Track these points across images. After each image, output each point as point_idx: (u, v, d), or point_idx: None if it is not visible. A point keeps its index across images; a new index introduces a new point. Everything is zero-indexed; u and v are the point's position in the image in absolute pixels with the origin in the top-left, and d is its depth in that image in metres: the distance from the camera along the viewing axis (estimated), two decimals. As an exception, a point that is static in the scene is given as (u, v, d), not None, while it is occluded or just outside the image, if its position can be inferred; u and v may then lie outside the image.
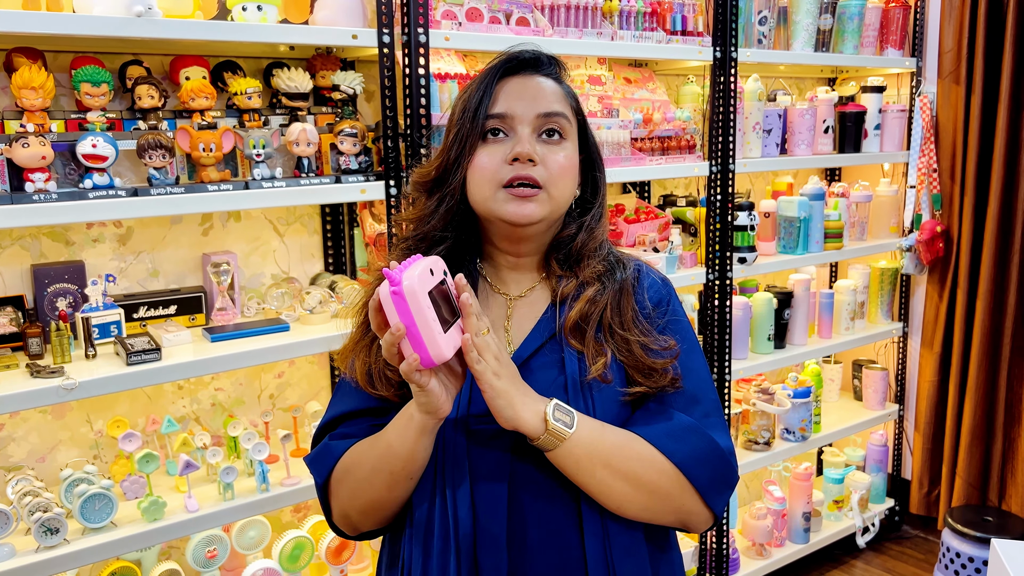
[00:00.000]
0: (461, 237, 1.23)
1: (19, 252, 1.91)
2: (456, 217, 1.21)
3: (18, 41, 1.78)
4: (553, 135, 1.18)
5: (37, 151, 1.64)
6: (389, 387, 1.16)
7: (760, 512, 3.00)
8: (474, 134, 1.16)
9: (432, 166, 1.21)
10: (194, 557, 2.00)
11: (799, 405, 2.98)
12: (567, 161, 1.18)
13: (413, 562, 1.14)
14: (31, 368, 1.69)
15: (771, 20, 2.77)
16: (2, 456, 1.93)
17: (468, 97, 1.18)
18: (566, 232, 1.24)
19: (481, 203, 1.17)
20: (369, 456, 1.13)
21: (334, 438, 1.19)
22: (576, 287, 1.21)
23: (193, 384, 2.16)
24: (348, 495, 1.16)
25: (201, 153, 1.82)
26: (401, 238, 1.26)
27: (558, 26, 2.27)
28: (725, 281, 2.71)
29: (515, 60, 1.20)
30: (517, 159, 1.14)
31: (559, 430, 1.07)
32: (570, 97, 1.23)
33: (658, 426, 1.15)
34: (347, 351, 1.22)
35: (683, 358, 1.22)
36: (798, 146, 2.96)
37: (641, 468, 1.11)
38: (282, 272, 2.26)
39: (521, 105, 1.16)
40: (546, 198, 1.16)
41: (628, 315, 1.20)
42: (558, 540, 1.14)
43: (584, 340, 1.17)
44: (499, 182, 1.15)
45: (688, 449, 1.14)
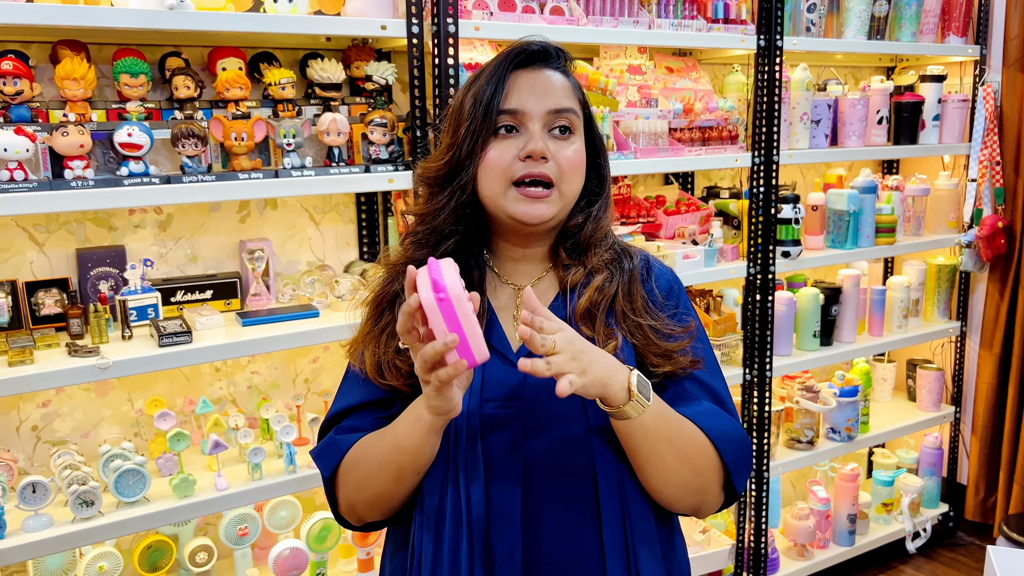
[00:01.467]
0: (470, 230, 1.24)
1: (65, 236, 1.99)
2: (465, 211, 1.22)
3: (61, 34, 1.85)
4: (564, 131, 1.18)
5: (76, 139, 1.71)
6: (399, 377, 1.17)
7: (803, 512, 2.93)
8: (486, 129, 1.17)
9: (441, 160, 1.21)
10: (226, 534, 2.07)
11: (845, 404, 2.90)
12: (577, 156, 1.19)
13: (423, 548, 1.15)
14: (70, 347, 1.77)
15: (821, 7, 2.69)
16: (48, 431, 2.03)
17: (478, 91, 1.18)
18: (573, 222, 1.25)
19: (491, 199, 1.18)
20: (376, 451, 1.14)
21: (340, 431, 1.21)
22: (584, 275, 1.22)
23: (230, 367, 2.23)
24: (354, 488, 1.18)
25: (233, 142, 1.87)
26: (409, 232, 1.27)
27: (593, 14, 2.25)
28: (767, 275, 2.65)
29: (524, 52, 1.20)
30: (530, 156, 1.15)
31: (641, 401, 1.08)
32: (577, 90, 1.23)
33: (690, 407, 1.19)
34: (356, 342, 1.24)
35: (703, 345, 1.25)
36: (849, 137, 2.87)
37: (691, 444, 1.15)
38: (317, 260, 2.31)
39: (532, 101, 1.17)
40: (557, 197, 1.18)
41: (639, 302, 1.22)
42: (574, 524, 1.14)
43: (595, 327, 1.19)
44: (510, 178, 1.16)
45: (719, 428, 1.18)
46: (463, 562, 1.11)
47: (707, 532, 2.80)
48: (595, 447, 1.15)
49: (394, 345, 1.18)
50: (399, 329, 1.02)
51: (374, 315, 1.24)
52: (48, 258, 1.98)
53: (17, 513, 1.75)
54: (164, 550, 2.02)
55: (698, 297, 2.73)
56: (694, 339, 1.23)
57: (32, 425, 2.01)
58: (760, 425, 2.72)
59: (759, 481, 2.74)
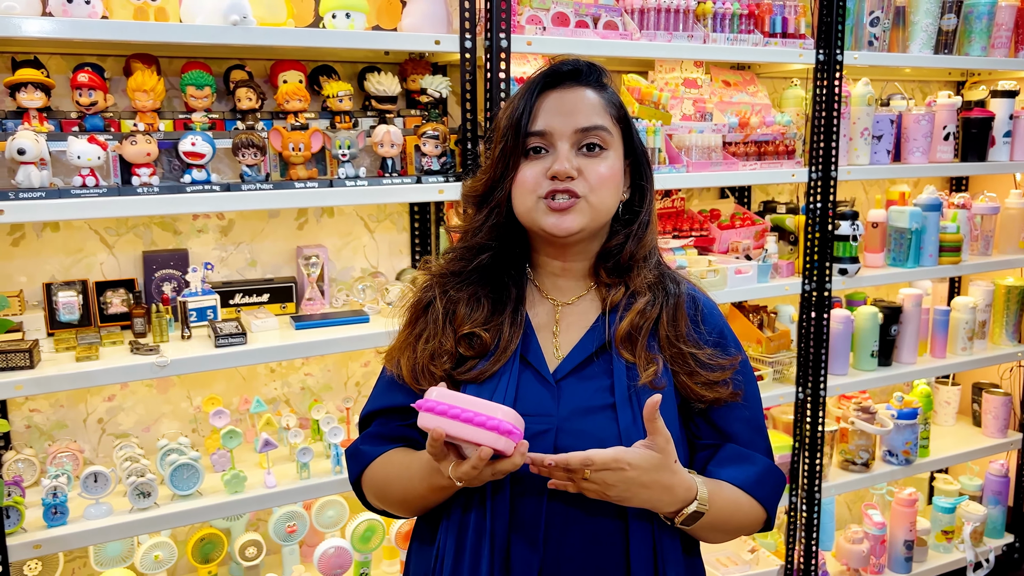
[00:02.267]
0: (506, 247, 1.27)
1: (133, 239, 2.10)
2: (502, 229, 1.25)
3: (134, 48, 1.96)
4: (593, 148, 1.20)
5: (143, 148, 1.80)
6: (433, 382, 1.20)
7: (857, 536, 2.87)
8: (516, 152, 1.20)
9: (480, 181, 1.26)
10: (275, 531, 2.14)
11: (903, 427, 2.82)
12: (608, 171, 1.20)
13: (446, 552, 1.18)
14: (132, 345, 1.86)
15: (885, 21, 2.64)
16: (112, 424, 2.13)
17: (511, 111, 1.21)
18: (614, 241, 1.27)
19: (525, 215, 1.21)
20: (399, 490, 1.22)
21: (366, 439, 1.28)
22: (626, 296, 1.23)
23: (285, 368, 2.30)
24: (378, 499, 1.28)
25: (291, 152, 1.94)
26: (448, 248, 1.32)
27: (647, 29, 2.26)
28: (823, 293, 2.61)
29: (553, 74, 1.22)
30: (556, 176, 1.17)
31: (687, 525, 1.16)
32: (611, 106, 1.23)
33: (746, 469, 1.24)
34: (394, 351, 1.28)
35: (745, 380, 1.27)
36: (913, 153, 2.80)
37: (738, 520, 1.23)
38: (371, 266, 2.37)
39: (559, 120, 1.19)
40: (585, 207, 1.18)
41: (683, 329, 1.23)
42: (599, 544, 1.15)
43: (635, 351, 1.20)
44: (539, 195, 1.19)
45: (769, 491, 1.27)
46: (483, 564, 1.13)
47: (756, 552, 2.76)
48: None
49: (428, 351, 1.21)
50: (436, 456, 1.08)
51: (411, 322, 1.28)
52: (117, 259, 2.09)
53: (80, 501, 1.84)
54: (216, 543, 2.10)
55: (751, 313, 2.70)
56: (736, 371, 1.24)
57: (98, 418, 2.11)
58: (812, 445, 2.67)
59: (810, 502, 2.69)
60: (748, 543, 2.79)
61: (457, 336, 1.21)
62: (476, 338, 1.21)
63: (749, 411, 1.27)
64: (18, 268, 1.99)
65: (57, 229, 2.02)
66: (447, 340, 1.21)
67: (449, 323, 1.22)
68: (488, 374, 1.18)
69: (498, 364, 1.19)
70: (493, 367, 1.19)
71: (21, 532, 1.75)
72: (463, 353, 1.21)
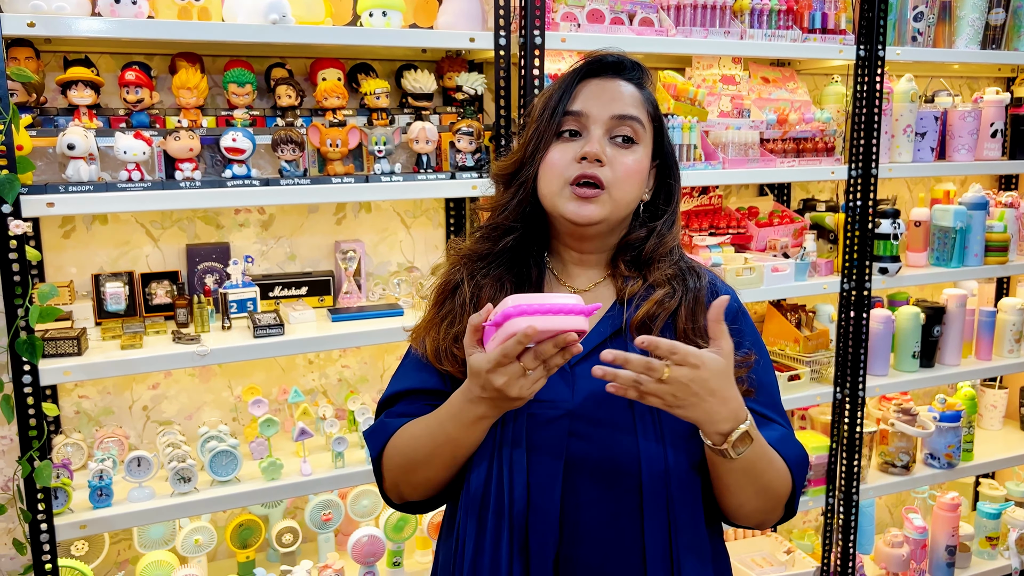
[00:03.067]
0: (530, 229, 1.29)
1: (177, 233, 2.16)
2: (527, 210, 1.27)
3: (179, 47, 2.02)
4: (625, 141, 1.21)
5: (186, 144, 1.86)
6: (455, 364, 1.23)
7: (896, 540, 2.82)
8: (550, 130, 1.22)
9: (511, 159, 1.28)
10: (311, 518, 2.19)
11: (945, 430, 2.77)
12: (635, 165, 1.21)
13: (467, 534, 1.20)
14: (175, 335, 1.92)
15: (930, 16, 2.59)
16: (156, 411, 2.20)
17: (549, 95, 1.24)
18: (635, 235, 1.28)
19: (548, 198, 1.23)
20: (427, 443, 1.19)
21: (390, 415, 1.28)
22: (644, 288, 1.24)
23: (322, 360, 2.35)
24: (401, 472, 1.24)
25: (328, 148, 1.98)
26: (476, 227, 1.34)
27: (683, 25, 2.26)
28: (863, 292, 2.57)
29: (598, 63, 1.24)
30: (585, 157, 1.18)
31: (731, 455, 1.09)
32: (648, 103, 1.25)
33: (768, 432, 1.19)
34: (420, 330, 1.30)
35: (759, 372, 1.25)
36: (958, 151, 2.75)
37: (776, 478, 1.17)
38: (407, 261, 2.41)
39: (597, 105, 1.21)
40: (607, 199, 1.20)
41: (701, 322, 1.22)
42: (613, 526, 1.17)
43: None
44: (566, 179, 1.20)
45: (795, 454, 1.22)
46: (503, 552, 1.15)
47: (791, 553, 2.74)
48: (642, 454, 1.16)
49: (452, 333, 1.23)
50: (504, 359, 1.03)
51: (438, 302, 1.30)
52: (162, 252, 2.15)
53: (124, 484, 1.91)
54: (254, 529, 2.16)
55: (789, 312, 2.68)
56: (754, 366, 1.23)
57: (143, 405, 2.18)
58: (851, 446, 2.63)
59: (847, 504, 2.66)
60: (784, 544, 2.77)
61: None
62: None
63: (766, 394, 1.26)
64: (69, 259, 2.07)
65: (105, 222, 2.10)
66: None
67: (473, 307, 1.24)
68: None
69: None
70: None
71: (68, 513, 1.82)
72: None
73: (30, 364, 1.70)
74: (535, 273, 1.28)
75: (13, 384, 1.70)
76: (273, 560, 2.25)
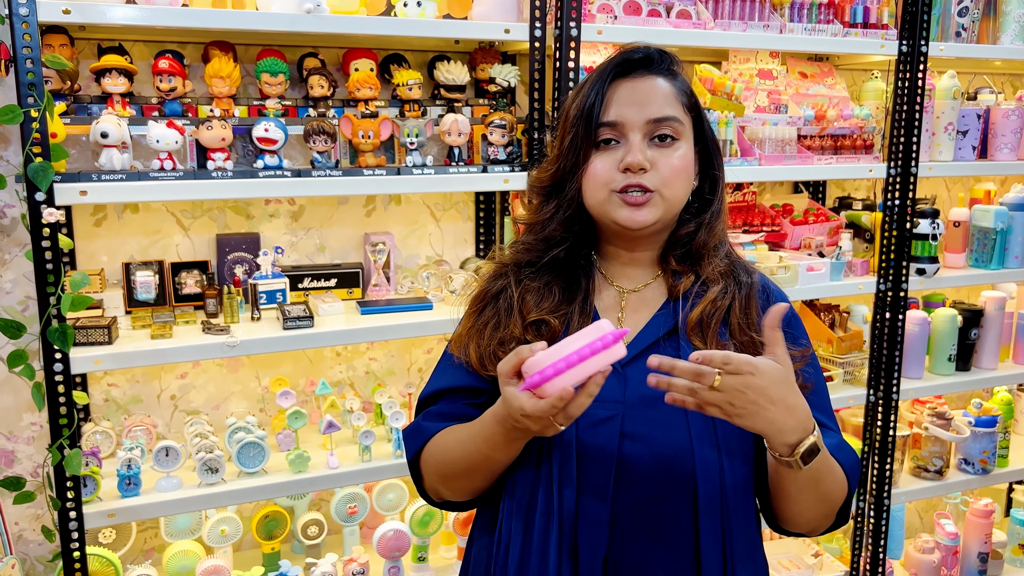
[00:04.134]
0: (578, 237, 1.27)
1: (208, 222, 2.16)
2: (573, 220, 1.25)
3: (212, 36, 2.01)
4: (665, 139, 1.19)
5: (218, 133, 1.85)
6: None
7: (927, 546, 2.77)
8: (587, 143, 1.19)
9: (548, 172, 1.25)
10: (336, 511, 2.18)
11: (981, 435, 2.71)
12: (680, 162, 1.19)
13: (513, 536, 1.18)
14: (204, 325, 1.92)
15: (975, 11, 2.52)
16: (184, 401, 2.20)
17: (582, 101, 1.20)
18: (684, 230, 1.25)
19: (596, 207, 1.21)
20: (463, 457, 1.17)
21: (429, 416, 1.26)
22: (697, 284, 1.22)
23: (350, 352, 2.34)
24: (439, 479, 1.23)
25: (360, 140, 1.96)
26: (519, 240, 1.31)
27: (721, 18, 2.21)
28: (899, 293, 2.52)
29: (625, 62, 1.21)
30: (628, 168, 1.16)
31: (799, 466, 1.06)
32: (682, 94, 1.22)
33: (825, 437, 1.17)
34: (461, 337, 1.28)
35: (813, 373, 1.24)
36: (1000, 150, 2.68)
37: (835, 486, 1.16)
38: (436, 254, 2.39)
39: (631, 111, 1.18)
40: (659, 200, 1.18)
41: (754, 318, 1.21)
42: (665, 528, 1.14)
43: (706, 339, 1.18)
44: (612, 189, 1.18)
45: (850, 462, 1.20)
46: (552, 554, 1.13)
47: (819, 556, 2.70)
48: (696, 457, 1.14)
49: (497, 338, 1.22)
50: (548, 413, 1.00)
51: (477, 310, 1.28)
52: (192, 241, 2.15)
53: (152, 473, 1.91)
54: (280, 520, 2.16)
55: (823, 312, 2.63)
56: (807, 362, 1.22)
57: (171, 395, 2.19)
58: (883, 450, 2.59)
59: (878, 508, 2.61)
60: (812, 547, 2.73)
61: (526, 322, 1.21)
62: (545, 325, 1.21)
63: (819, 399, 1.24)
64: (100, 247, 2.07)
65: (136, 211, 2.09)
66: (515, 327, 1.21)
67: (519, 311, 1.22)
68: None
69: None
70: None
71: (97, 501, 1.82)
72: (530, 340, 1.20)
73: (61, 352, 1.70)
74: (583, 279, 1.26)
75: (44, 372, 1.70)
76: (298, 552, 2.24)
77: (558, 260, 1.26)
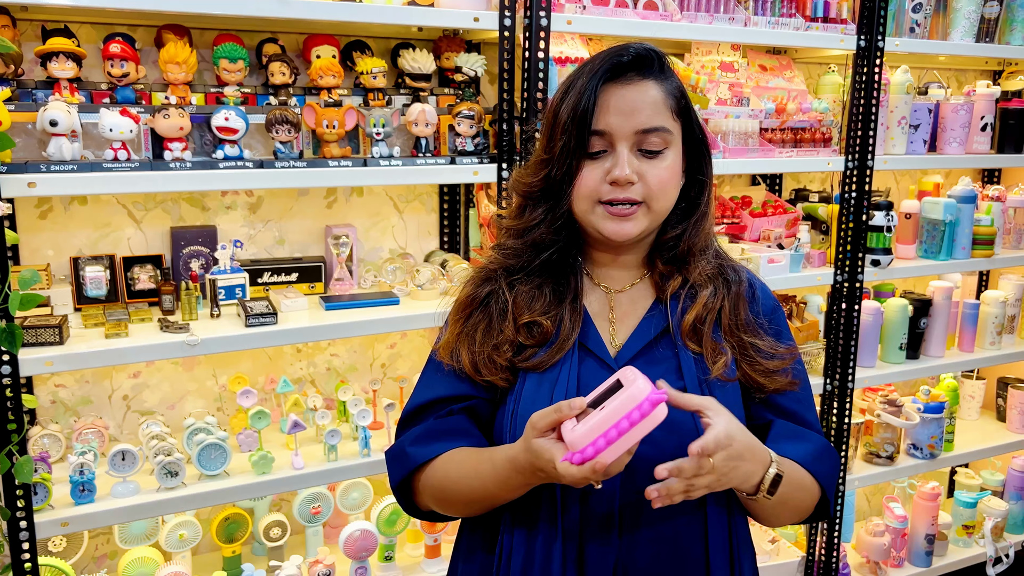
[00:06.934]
0: (568, 239, 1.25)
1: (161, 215, 2.06)
2: (563, 224, 1.22)
3: (166, 19, 1.91)
4: (652, 151, 1.16)
5: (176, 122, 1.76)
6: (495, 372, 1.19)
7: (878, 529, 2.84)
8: (580, 151, 1.16)
9: (537, 176, 1.21)
10: (300, 511, 2.12)
11: (929, 420, 2.79)
12: (667, 173, 1.17)
13: (515, 548, 1.16)
14: (162, 322, 1.83)
15: (927, 7, 2.58)
16: (137, 401, 2.11)
17: (573, 106, 1.16)
18: (671, 233, 1.24)
19: (582, 216, 1.19)
20: (465, 492, 1.17)
21: (416, 440, 1.22)
22: (686, 287, 1.21)
23: (311, 348, 2.28)
24: (436, 503, 1.22)
25: (324, 129, 1.90)
26: (504, 244, 1.27)
27: (688, 10, 2.21)
28: (855, 284, 2.57)
29: (617, 64, 1.16)
30: (615, 182, 1.14)
31: (767, 496, 1.11)
32: (672, 98, 1.18)
33: (803, 446, 1.20)
34: (450, 343, 1.24)
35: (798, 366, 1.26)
36: (949, 144, 2.75)
37: (802, 497, 1.19)
38: (399, 247, 2.34)
39: (619, 120, 1.14)
40: (645, 212, 1.17)
41: (742, 318, 1.22)
42: (674, 527, 1.14)
43: (701, 341, 1.18)
44: (597, 200, 1.16)
45: (828, 469, 1.23)
46: (555, 564, 1.11)
47: (776, 542, 2.74)
48: None
49: (491, 343, 1.20)
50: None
51: (465, 315, 1.25)
52: (144, 235, 2.05)
53: (107, 479, 1.82)
54: (241, 523, 2.09)
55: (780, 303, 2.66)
56: (795, 359, 1.24)
57: (123, 394, 2.09)
58: (839, 437, 2.64)
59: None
60: (769, 533, 2.78)
61: (517, 324, 1.19)
62: (537, 326, 1.19)
63: (805, 397, 1.26)
64: (46, 241, 1.96)
65: (85, 203, 1.99)
66: (508, 329, 1.19)
67: (511, 313, 1.20)
68: (548, 364, 1.17)
69: (559, 354, 1.17)
70: (553, 357, 1.17)
71: (49, 509, 1.73)
72: (523, 342, 1.19)
73: (9, 354, 1.60)
74: (573, 279, 1.24)
75: (-9, 375, 1.60)
76: (259, 554, 2.18)
77: (549, 262, 1.24)
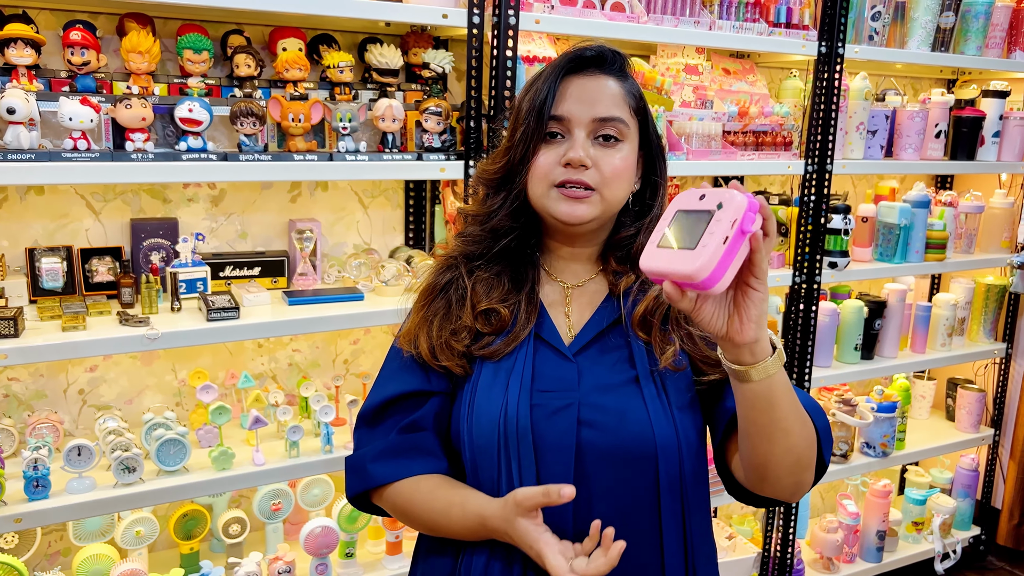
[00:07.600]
0: (526, 227, 1.28)
1: (120, 206, 2.03)
2: (520, 211, 1.26)
3: (128, 7, 1.88)
4: (609, 139, 1.20)
5: (138, 112, 1.73)
6: (452, 358, 1.21)
7: (831, 525, 2.91)
8: (537, 135, 1.20)
9: (498, 164, 1.25)
10: (260, 508, 2.10)
11: (882, 420, 2.86)
12: (621, 163, 1.20)
13: (475, 543, 1.18)
14: (121, 316, 1.80)
15: (886, 16, 2.64)
16: (94, 395, 2.07)
17: (533, 96, 1.20)
18: (624, 233, 1.27)
19: (536, 200, 1.22)
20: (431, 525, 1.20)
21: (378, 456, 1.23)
22: (637, 283, 1.24)
23: (272, 343, 2.25)
24: (395, 515, 1.25)
25: (290, 123, 1.88)
26: (465, 232, 1.30)
27: (655, 12, 2.23)
28: (813, 285, 2.62)
29: (578, 58, 1.22)
30: (569, 164, 1.18)
31: (781, 354, 1.02)
32: (631, 96, 1.23)
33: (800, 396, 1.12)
34: (410, 331, 1.26)
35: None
36: (905, 150, 2.82)
37: (804, 428, 1.07)
38: (364, 243, 2.33)
39: (579, 108, 1.19)
40: (598, 200, 1.20)
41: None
42: (628, 515, 1.15)
43: (651, 332, 1.21)
44: (552, 182, 1.19)
45: (804, 399, 1.12)
46: (517, 553, 1.13)
47: (733, 539, 2.79)
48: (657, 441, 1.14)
49: (448, 328, 1.23)
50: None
51: (426, 303, 1.28)
52: (103, 226, 2.02)
53: (61, 474, 1.79)
54: (199, 519, 2.06)
55: (740, 302, 2.70)
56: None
57: (79, 389, 2.05)
58: (794, 435, 2.69)
59: (790, 491, 2.72)
60: (726, 530, 2.82)
61: (476, 312, 1.22)
62: (495, 314, 1.22)
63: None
64: (0, 232, 1.92)
65: (42, 192, 1.94)
66: (466, 316, 1.22)
67: (469, 300, 1.23)
68: (504, 353, 1.20)
69: (514, 343, 1.20)
70: (509, 346, 1.20)
71: (1, 505, 1.69)
72: (480, 329, 1.22)
73: (-38, 347, 1.57)
74: (531, 270, 1.27)
75: (-57, 368, 1.56)
76: (218, 551, 2.15)
77: (508, 249, 1.27)
